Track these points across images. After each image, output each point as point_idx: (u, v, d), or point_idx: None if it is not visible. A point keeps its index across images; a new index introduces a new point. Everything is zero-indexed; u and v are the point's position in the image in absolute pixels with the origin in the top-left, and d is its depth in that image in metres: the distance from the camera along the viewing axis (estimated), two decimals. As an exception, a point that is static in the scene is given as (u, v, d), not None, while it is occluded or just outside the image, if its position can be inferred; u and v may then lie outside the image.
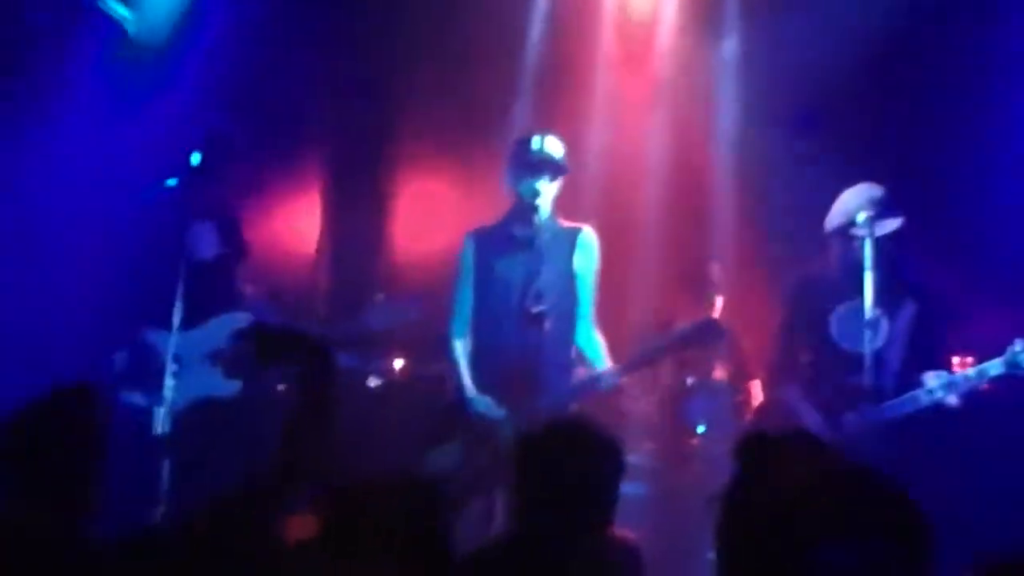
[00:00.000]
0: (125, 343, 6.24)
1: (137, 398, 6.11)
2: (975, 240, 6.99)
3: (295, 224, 7.93)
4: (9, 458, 3.27)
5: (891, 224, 5.59)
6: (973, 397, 5.50)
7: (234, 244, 6.44)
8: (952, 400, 5.47)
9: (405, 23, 7.61)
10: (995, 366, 5.40)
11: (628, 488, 3.78)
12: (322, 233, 8.03)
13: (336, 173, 8.04)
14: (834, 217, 5.71)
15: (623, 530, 3.88)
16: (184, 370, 6.05)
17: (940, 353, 5.65)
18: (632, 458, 6.18)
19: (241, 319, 6.25)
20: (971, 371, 5.46)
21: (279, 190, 7.77)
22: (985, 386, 5.98)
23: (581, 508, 3.46)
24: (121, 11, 7.00)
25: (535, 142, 5.79)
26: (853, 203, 5.63)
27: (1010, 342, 5.39)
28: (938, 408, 5.50)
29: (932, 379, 5.49)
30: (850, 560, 2.29)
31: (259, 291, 6.65)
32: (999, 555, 3.17)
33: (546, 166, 5.76)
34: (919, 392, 5.50)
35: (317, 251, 7.95)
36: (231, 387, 6.24)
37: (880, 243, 5.54)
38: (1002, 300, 6.33)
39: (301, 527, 2.92)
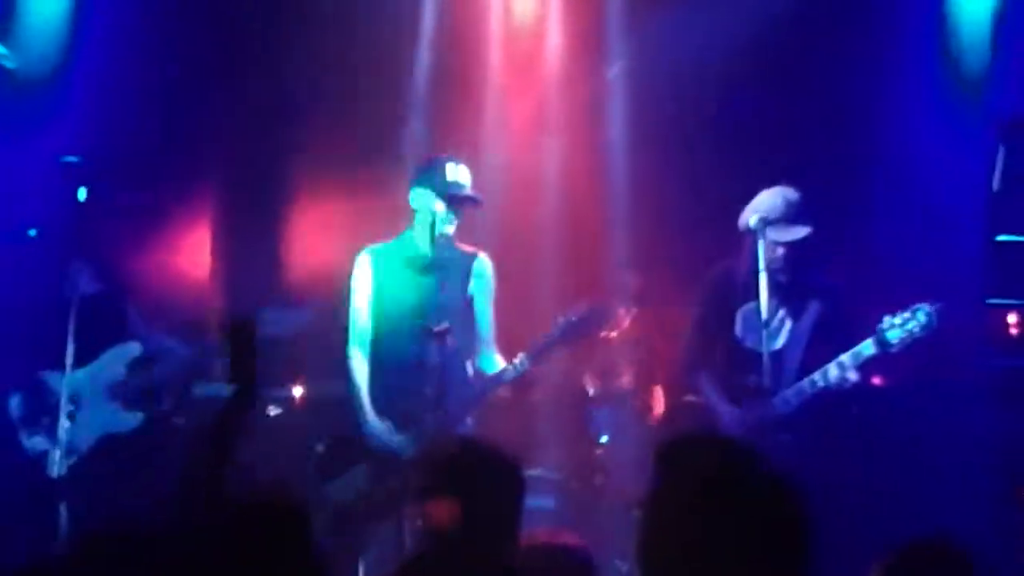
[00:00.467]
0: (18, 386, 6.13)
1: (39, 441, 6.03)
2: (870, 240, 7.14)
3: (189, 249, 7.83)
4: None
5: (791, 234, 5.68)
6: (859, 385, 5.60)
7: (115, 277, 6.36)
8: (835, 379, 5.54)
9: (297, 44, 7.57)
10: (867, 346, 5.50)
11: (534, 501, 3.79)
12: (214, 255, 7.94)
13: (228, 196, 7.96)
14: (744, 220, 5.79)
15: (566, 534, 3.93)
16: (82, 408, 5.98)
17: (838, 351, 5.73)
18: (536, 471, 6.24)
19: (133, 350, 6.21)
20: (844, 356, 5.56)
21: (171, 216, 7.67)
22: (876, 380, 6.15)
23: (483, 528, 3.46)
24: (-1, 48, 6.88)
25: (448, 169, 5.82)
26: (757, 215, 5.69)
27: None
28: (823, 396, 5.59)
29: (816, 373, 5.59)
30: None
31: (153, 320, 6.53)
32: (911, 538, 3.27)
33: (457, 193, 5.79)
34: (804, 383, 5.59)
35: (211, 273, 7.84)
36: (132, 420, 6.17)
37: (781, 254, 5.65)
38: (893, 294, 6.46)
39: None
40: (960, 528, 4.03)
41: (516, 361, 5.70)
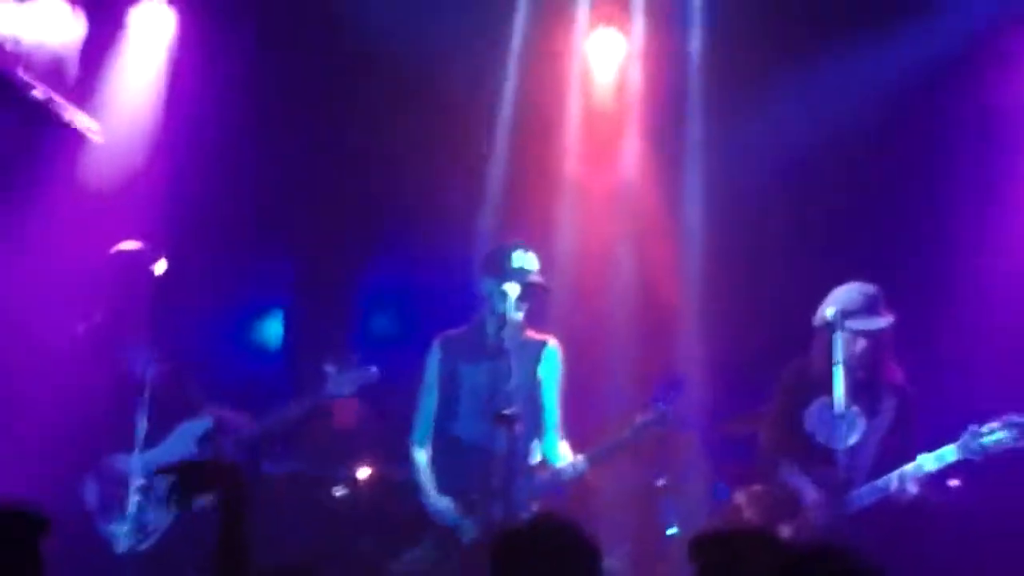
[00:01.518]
0: (93, 472, 6.10)
1: (115, 529, 5.95)
2: (951, 344, 7.05)
3: (257, 328, 7.89)
4: None
5: (874, 323, 5.64)
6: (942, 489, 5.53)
7: (176, 355, 6.34)
8: (912, 489, 5.50)
9: (379, 128, 7.66)
10: (950, 452, 5.46)
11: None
12: (288, 334, 8.00)
13: (301, 278, 8.03)
14: (818, 315, 5.76)
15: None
16: (157, 488, 5.94)
17: (913, 452, 5.64)
18: (605, 561, 6.15)
19: (204, 425, 6.18)
20: (925, 458, 5.48)
21: (241, 297, 7.73)
22: (954, 482, 6.03)
23: None
24: (88, 123, 7.01)
25: (516, 257, 5.87)
26: (837, 307, 5.67)
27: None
28: (902, 499, 5.51)
29: (895, 473, 5.52)
30: None
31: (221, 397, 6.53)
32: None
33: (524, 280, 5.82)
34: (879, 481, 5.52)
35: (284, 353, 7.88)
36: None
37: (863, 348, 5.59)
38: (977, 396, 6.35)
39: None
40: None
41: (576, 461, 5.80)
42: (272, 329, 8.00)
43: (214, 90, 7.29)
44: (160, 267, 6.11)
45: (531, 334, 5.99)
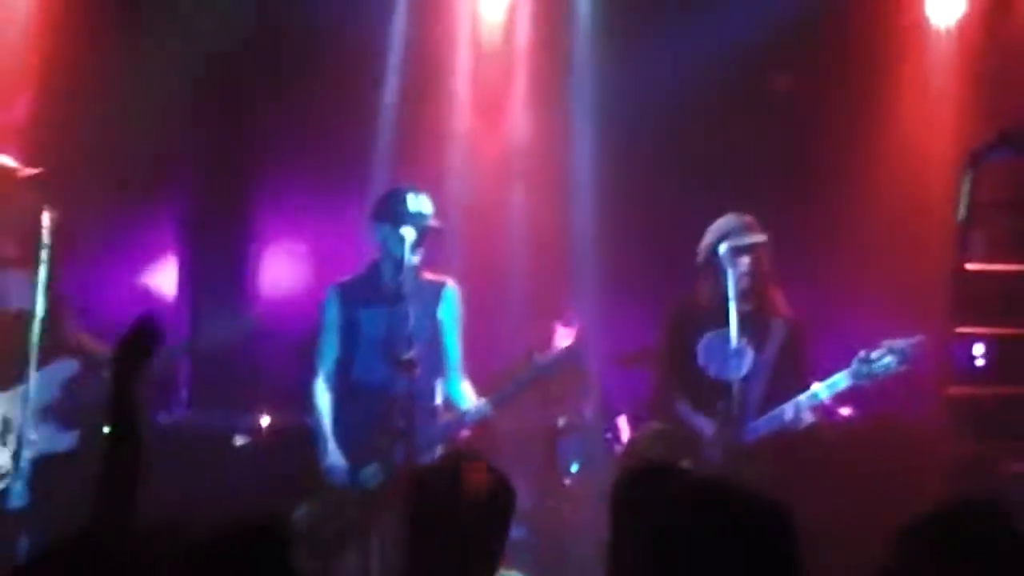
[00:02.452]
0: None
1: None
2: (836, 270, 7.20)
3: (152, 279, 7.75)
4: None
5: (751, 238, 5.73)
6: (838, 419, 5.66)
7: (58, 287, 6.11)
8: (807, 417, 5.62)
9: (264, 74, 7.56)
10: (840, 379, 5.58)
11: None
12: (180, 287, 7.87)
13: (193, 226, 7.92)
14: (702, 247, 5.85)
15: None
16: (10, 432, 5.79)
17: (805, 382, 5.75)
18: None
19: (68, 368, 5.99)
20: (819, 387, 5.60)
21: (134, 243, 7.59)
22: (845, 410, 6.18)
23: (475, 544, 3.41)
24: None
25: (410, 200, 5.83)
26: (715, 233, 5.78)
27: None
28: (798, 428, 5.63)
29: (789, 403, 5.64)
30: None
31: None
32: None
33: (421, 223, 5.79)
34: (774, 412, 5.63)
35: (173, 300, 7.74)
36: (67, 440, 5.99)
37: (745, 268, 5.69)
38: (864, 320, 6.50)
39: None
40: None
41: (480, 403, 5.79)
42: (165, 273, 7.86)
43: (101, 28, 7.13)
44: (39, 180, 5.89)
45: (428, 276, 5.97)
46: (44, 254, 5.62)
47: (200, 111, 7.64)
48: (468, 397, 5.91)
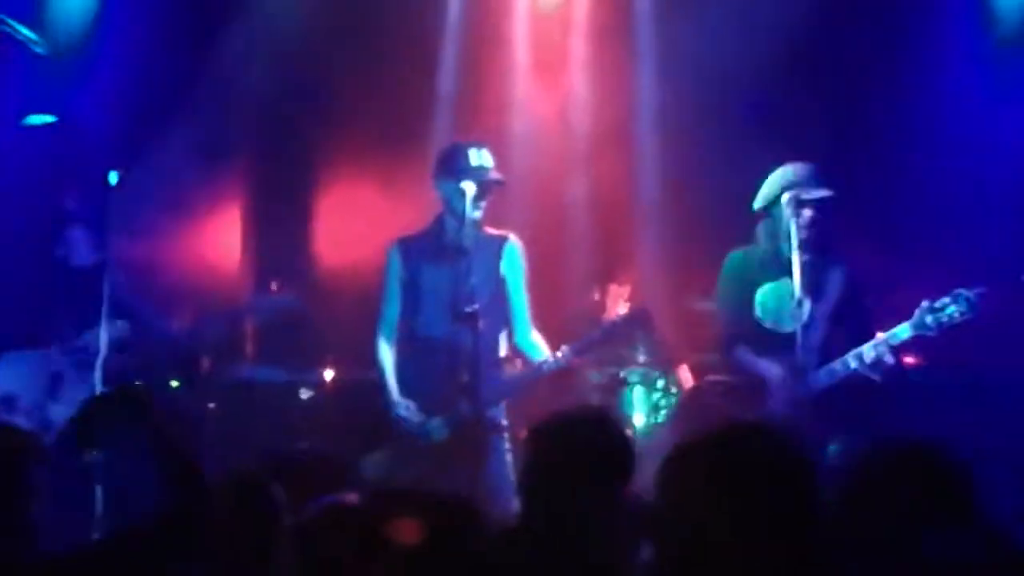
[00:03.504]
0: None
1: (18, 421, 5.70)
2: (900, 221, 7.13)
3: (216, 238, 7.81)
4: None
5: (819, 192, 5.67)
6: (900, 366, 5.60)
7: (113, 250, 6.10)
8: (872, 367, 5.55)
9: (325, 32, 7.59)
10: (903, 330, 5.51)
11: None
12: (244, 246, 7.94)
13: (254, 183, 7.97)
14: (760, 196, 5.80)
15: None
16: (64, 389, 5.86)
17: (866, 332, 5.70)
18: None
19: (120, 327, 6.03)
20: (879, 338, 5.55)
21: (199, 203, 7.65)
22: (910, 359, 6.12)
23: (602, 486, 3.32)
24: (27, 33, 6.87)
25: (472, 155, 5.85)
26: (778, 182, 5.72)
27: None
28: (859, 378, 5.59)
29: (850, 354, 5.58)
30: None
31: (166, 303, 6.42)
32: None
33: (482, 177, 5.80)
34: (836, 364, 5.59)
35: (237, 259, 7.81)
36: None
37: (808, 220, 5.64)
38: (927, 277, 6.43)
39: None
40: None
41: (559, 354, 5.80)
42: (227, 234, 7.91)
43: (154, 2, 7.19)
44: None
45: (490, 231, 5.99)
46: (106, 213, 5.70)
47: (261, 71, 7.68)
48: (541, 347, 5.92)
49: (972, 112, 7.10)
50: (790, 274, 5.56)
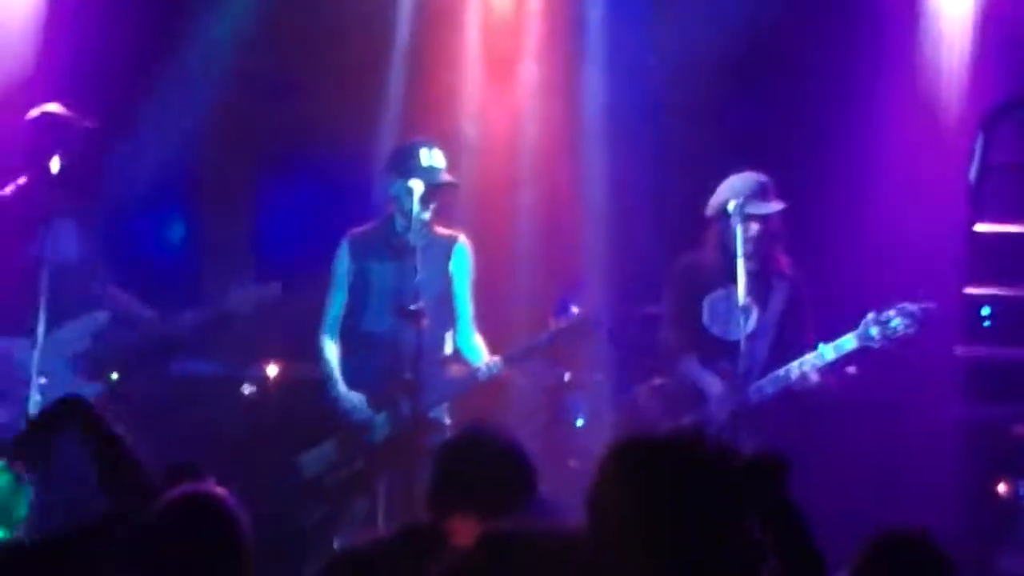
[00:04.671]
0: None
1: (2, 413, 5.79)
2: (844, 232, 7.19)
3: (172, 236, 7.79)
4: None
5: (767, 208, 5.70)
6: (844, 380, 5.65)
7: (94, 243, 6.16)
8: (813, 377, 5.59)
9: (274, 24, 7.54)
10: (849, 340, 5.57)
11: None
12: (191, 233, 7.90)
13: (203, 181, 7.91)
14: (710, 205, 5.82)
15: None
16: (50, 381, 5.80)
17: (808, 343, 5.75)
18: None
19: (99, 319, 6.03)
20: (825, 348, 5.59)
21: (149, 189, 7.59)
22: (851, 369, 6.17)
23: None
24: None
25: (422, 154, 5.86)
26: (725, 193, 5.75)
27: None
28: (803, 388, 5.62)
29: (795, 363, 5.62)
30: None
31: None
32: (889, 529, 3.27)
33: (431, 178, 5.82)
34: (780, 371, 5.62)
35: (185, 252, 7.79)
36: (93, 390, 5.97)
37: (755, 233, 5.67)
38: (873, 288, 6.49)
39: None
40: (931, 522, 4.07)
41: (491, 362, 5.85)
42: (176, 229, 7.87)
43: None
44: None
45: (440, 231, 6.01)
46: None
47: (213, 68, 7.63)
48: (480, 350, 5.96)
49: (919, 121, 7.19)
50: (737, 283, 5.61)
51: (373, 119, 7.58)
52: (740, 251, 5.56)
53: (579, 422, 6.78)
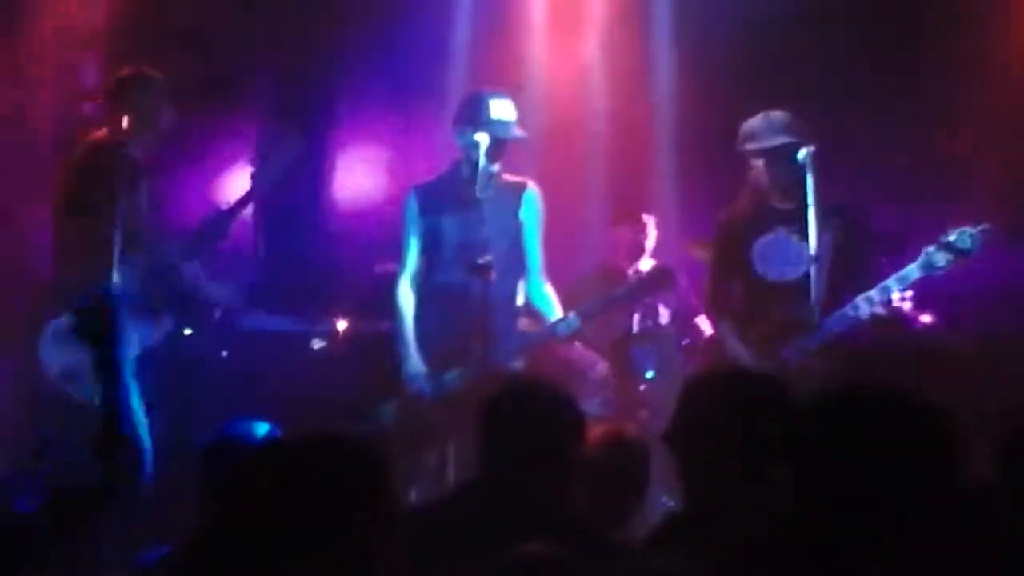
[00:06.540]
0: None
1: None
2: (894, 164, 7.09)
3: (229, 186, 7.78)
4: None
5: (773, 141, 5.61)
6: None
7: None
8: (880, 311, 5.50)
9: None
10: (912, 271, 5.46)
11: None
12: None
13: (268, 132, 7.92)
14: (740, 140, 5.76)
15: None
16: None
17: (869, 274, 5.62)
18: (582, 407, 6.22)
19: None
20: (889, 280, 5.50)
21: (211, 150, 7.60)
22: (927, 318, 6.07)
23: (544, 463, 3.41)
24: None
25: (491, 105, 5.75)
26: (740, 134, 5.70)
27: None
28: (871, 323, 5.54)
29: (860, 297, 5.52)
30: None
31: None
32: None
33: (497, 131, 5.72)
34: (845, 310, 5.53)
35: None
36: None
37: (765, 170, 5.62)
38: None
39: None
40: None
41: (569, 317, 5.73)
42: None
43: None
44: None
45: (508, 179, 5.91)
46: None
47: (275, 23, 7.63)
48: (551, 300, 5.87)
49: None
50: (785, 224, 5.54)
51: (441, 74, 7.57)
52: (768, 188, 5.57)
53: (649, 374, 6.74)
